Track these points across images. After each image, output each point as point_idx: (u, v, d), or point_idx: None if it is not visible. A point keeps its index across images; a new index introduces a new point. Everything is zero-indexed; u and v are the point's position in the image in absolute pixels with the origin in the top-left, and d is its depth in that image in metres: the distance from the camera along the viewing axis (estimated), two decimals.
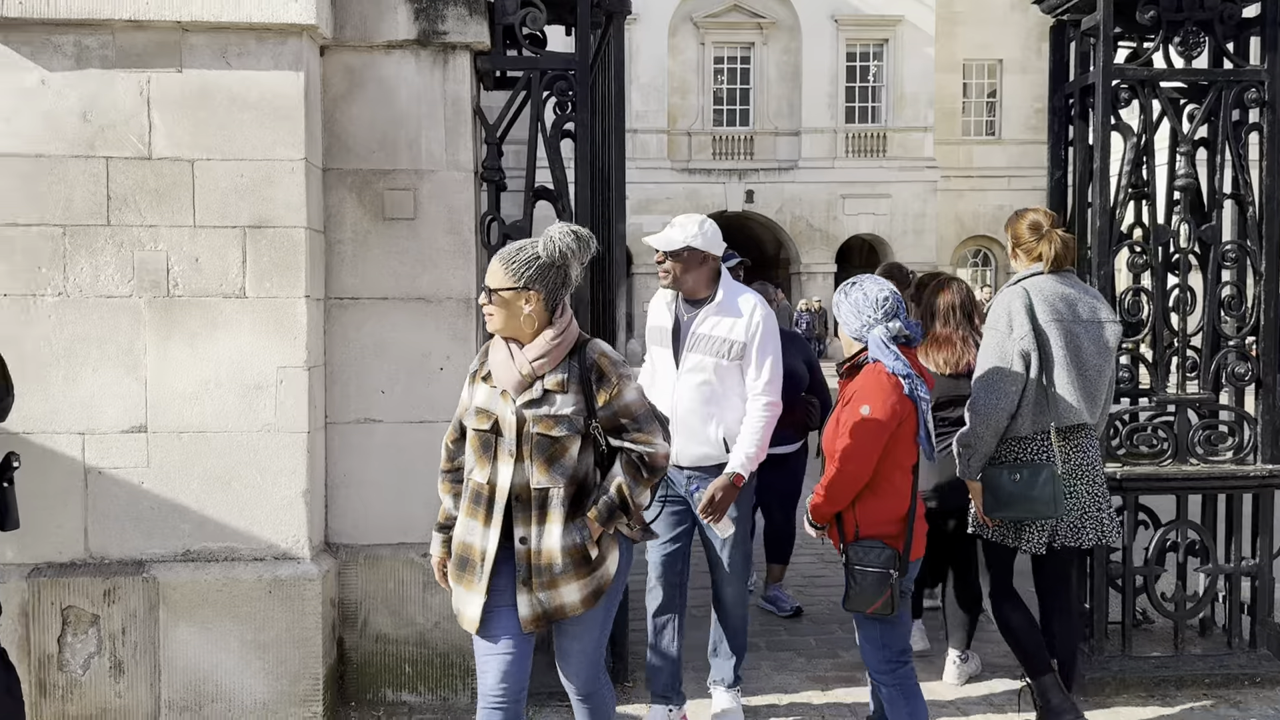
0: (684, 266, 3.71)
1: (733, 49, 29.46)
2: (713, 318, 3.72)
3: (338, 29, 4.00)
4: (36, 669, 3.80)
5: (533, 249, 2.71)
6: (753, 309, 3.72)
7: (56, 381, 3.78)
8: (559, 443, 2.72)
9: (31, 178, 3.76)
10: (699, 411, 3.72)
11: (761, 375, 3.70)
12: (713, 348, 3.70)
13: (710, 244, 3.73)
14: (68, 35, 3.74)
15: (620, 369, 2.78)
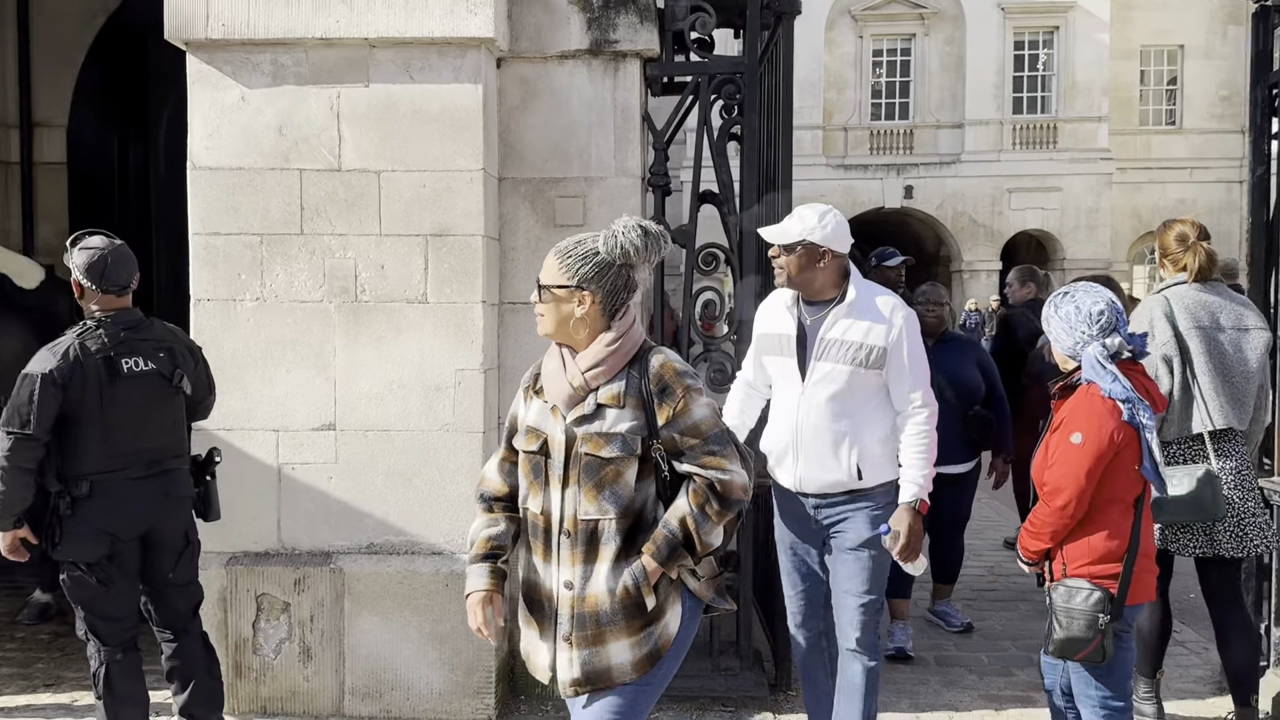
0: (799, 263, 3.21)
1: (892, 41, 28.75)
2: (844, 320, 3.21)
3: (513, 41, 4.11)
4: (233, 651, 4.05)
5: (592, 243, 2.34)
6: (892, 309, 3.21)
7: (254, 382, 4.02)
8: (610, 465, 2.28)
9: (232, 190, 4.00)
10: (829, 429, 3.21)
11: (916, 384, 3.21)
12: (846, 354, 3.18)
13: (833, 239, 3.20)
14: (265, 54, 3.96)
15: (687, 380, 2.34)
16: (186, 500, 3.52)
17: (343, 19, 3.87)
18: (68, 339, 3.25)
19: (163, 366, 3.37)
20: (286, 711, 4.04)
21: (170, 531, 3.46)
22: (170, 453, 3.44)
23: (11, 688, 4.39)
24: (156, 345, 3.39)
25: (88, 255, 3.28)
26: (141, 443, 3.34)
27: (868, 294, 3.26)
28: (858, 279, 3.28)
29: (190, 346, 3.58)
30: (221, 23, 3.90)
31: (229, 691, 4.01)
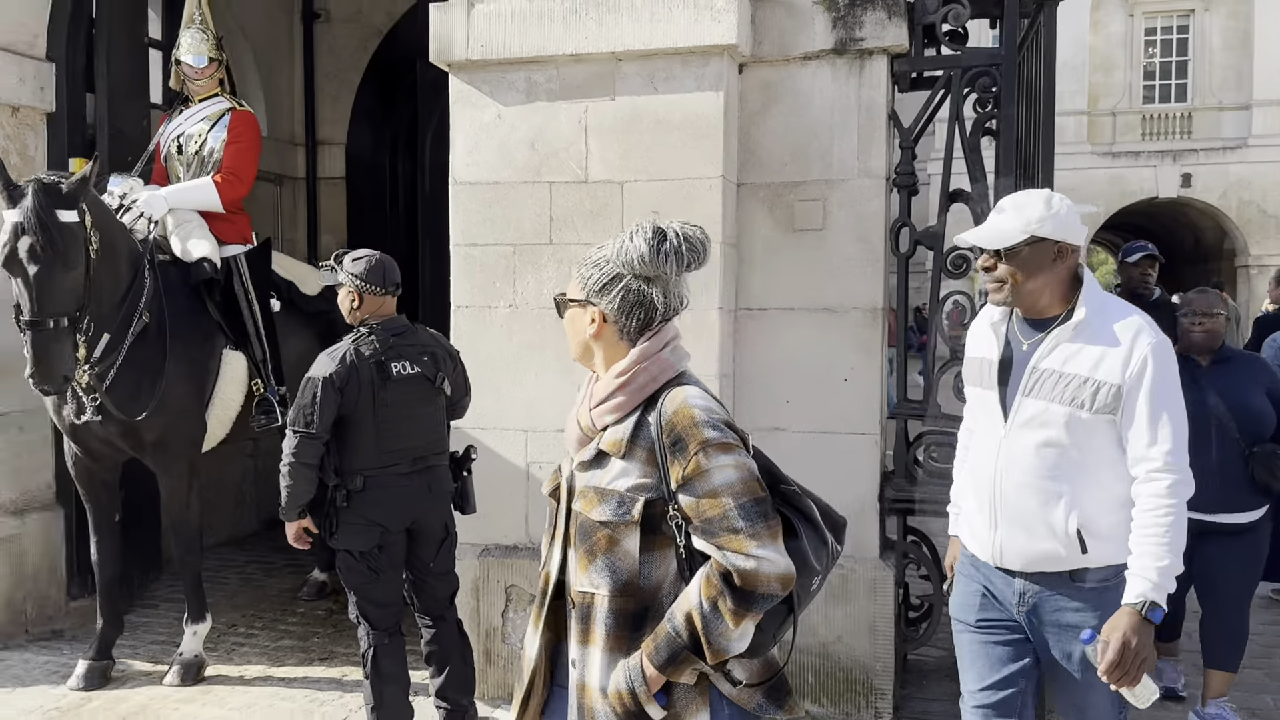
0: (1026, 270, 2.45)
1: (1167, 19, 26.45)
2: (1067, 346, 2.43)
3: (755, 45, 4.09)
4: (484, 639, 4.27)
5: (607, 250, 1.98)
6: (1135, 335, 2.38)
7: (506, 384, 4.22)
8: (602, 531, 1.86)
9: (489, 203, 4.22)
10: (1039, 488, 2.44)
11: (1158, 439, 2.34)
12: (1065, 391, 2.41)
13: (1066, 229, 2.46)
14: (520, 72, 4.15)
15: (706, 431, 1.81)
16: (447, 495, 3.75)
17: (591, 34, 3.98)
18: (344, 345, 3.55)
19: (426, 370, 3.63)
20: None
21: (433, 523, 3.70)
22: (433, 450, 3.69)
23: (292, 659, 4.84)
24: (421, 350, 3.65)
25: (364, 263, 3.58)
26: (408, 441, 3.59)
27: (1104, 312, 2.46)
28: (1092, 290, 2.50)
29: (450, 351, 3.82)
30: (480, 44, 4.11)
31: (480, 677, 4.23)
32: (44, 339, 3.90)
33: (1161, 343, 2.41)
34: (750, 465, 1.84)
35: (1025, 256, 2.45)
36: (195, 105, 5.00)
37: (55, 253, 3.88)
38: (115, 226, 4.38)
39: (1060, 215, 2.45)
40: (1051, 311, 2.50)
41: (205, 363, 4.69)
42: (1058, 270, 2.47)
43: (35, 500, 5.21)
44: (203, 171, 4.92)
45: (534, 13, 4.04)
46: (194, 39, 4.91)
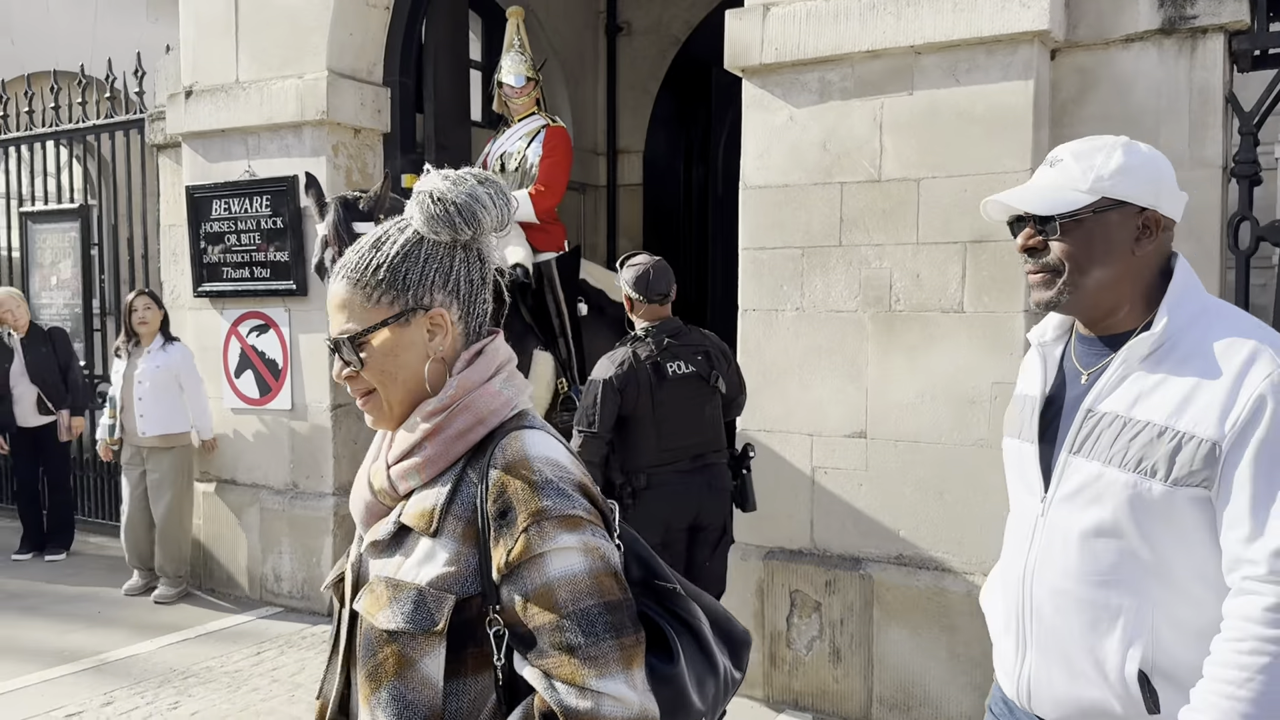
0: (1090, 252, 1.60)
1: None
2: (1140, 376, 1.58)
3: (1070, 29, 3.81)
4: (768, 641, 4.27)
5: (392, 229, 1.39)
6: (1249, 362, 1.50)
7: (791, 388, 4.20)
8: (390, 646, 1.27)
9: (778, 206, 4.21)
10: (1085, 600, 1.61)
11: (1269, 529, 1.45)
12: (1131, 448, 1.55)
13: (1157, 190, 1.60)
14: (813, 73, 4.10)
15: (548, 497, 1.24)
16: (726, 492, 3.81)
17: (889, 29, 3.87)
18: (623, 349, 3.70)
19: (700, 368, 3.73)
20: (817, 708, 4.16)
21: (712, 521, 3.76)
22: (711, 447, 3.77)
23: None
24: (695, 350, 3.75)
25: (634, 271, 3.74)
26: (687, 439, 3.69)
27: (1202, 324, 1.57)
28: (1186, 290, 1.61)
29: (723, 349, 3.89)
30: (774, 47, 4.11)
31: (765, 680, 4.24)
32: None
33: None
34: (606, 552, 1.26)
35: (1090, 231, 1.59)
36: (515, 124, 5.39)
37: None
38: None
39: (1149, 169, 1.60)
40: (1129, 324, 1.63)
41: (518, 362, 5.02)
42: (1143, 256, 1.60)
43: None
44: (524, 185, 5.29)
45: (829, 12, 3.98)
46: (514, 61, 5.30)
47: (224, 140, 5.70)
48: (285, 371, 5.64)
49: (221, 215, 5.73)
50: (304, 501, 5.60)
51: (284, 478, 5.70)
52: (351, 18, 5.44)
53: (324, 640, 5.11)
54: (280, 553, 5.67)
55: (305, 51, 5.42)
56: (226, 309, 5.83)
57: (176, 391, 5.69)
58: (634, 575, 1.34)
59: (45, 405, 6.59)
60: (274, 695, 4.42)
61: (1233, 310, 1.63)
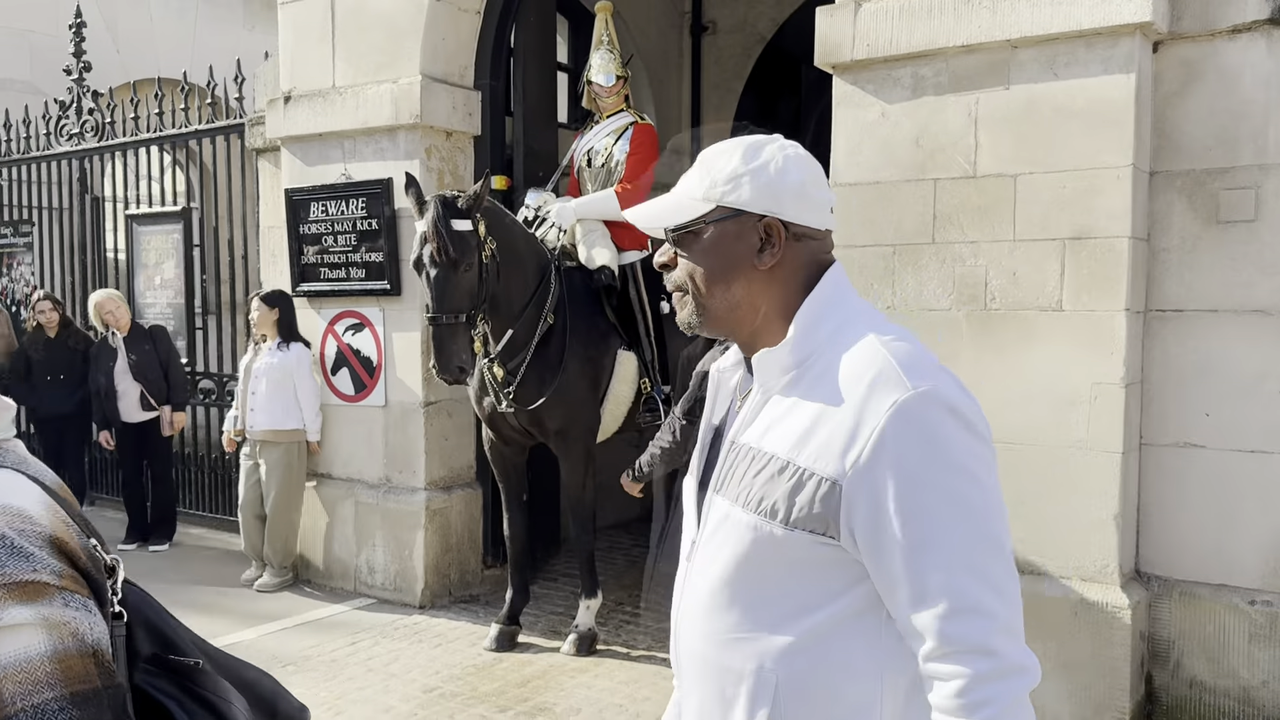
0: (711, 266, 1.41)
1: None
2: (776, 401, 1.37)
3: (1174, 21, 3.70)
4: None
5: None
6: (874, 382, 1.26)
7: None
8: None
9: (868, 203, 4.18)
10: (714, 663, 1.38)
11: (928, 592, 1.22)
12: (754, 487, 1.34)
13: (779, 196, 1.38)
14: (905, 68, 4.06)
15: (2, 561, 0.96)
16: None
17: (984, 23, 3.81)
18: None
19: None
20: None
21: None
22: None
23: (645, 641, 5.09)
24: None
25: None
26: None
27: (840, 338, 1.35)
28: (830, 302, 1.38)
29: None
30: (866, 43, 4.08)
31: None
32: (441, 333, 4.39)
33: (930, 397, 1.24)
34: (80, 627, 0.99)
35: (709, 244, 1.40)
36: (603, 121, 5.41)
37: (449, 258, 4.33)
38: (517, 236, 4.82)
39: (768, 173, 1.38)
40: (759, 339, 1.42)
41: (600, 360, 5.07)
42: (774, 270, 1.39)
43: (459, 479, 5.91)
44: (609, 182, 5.31)
45: (923, 7, 3.94)
46: (603, 59, 5.32)
47: (321, 144, 5.86)
48: (380, 369, 5.78)
49: (318, 217, 5.89)
50: (396, 496, 5.74)
51: (378, 472, 5.85)
52: (444, 22, 5.55)
53: (415, 632, 5.23)
54: (374, 545, 5.82)
55: (399, 57, 5.55)
56: (323, 308, 5.99)
57: (291, 389, 5.88)
58: (142, 650, 1.10)
59: (148, 402, 6.84)
60: (369, 685, 4.54)
61: (877, 322, 1.38)
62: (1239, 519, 3.72)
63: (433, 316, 4.41)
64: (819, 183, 1.42)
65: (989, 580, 1.21)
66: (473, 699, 4.38)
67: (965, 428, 1.25)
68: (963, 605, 1.20)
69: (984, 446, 1.27)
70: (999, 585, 1.22)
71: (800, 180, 1.39)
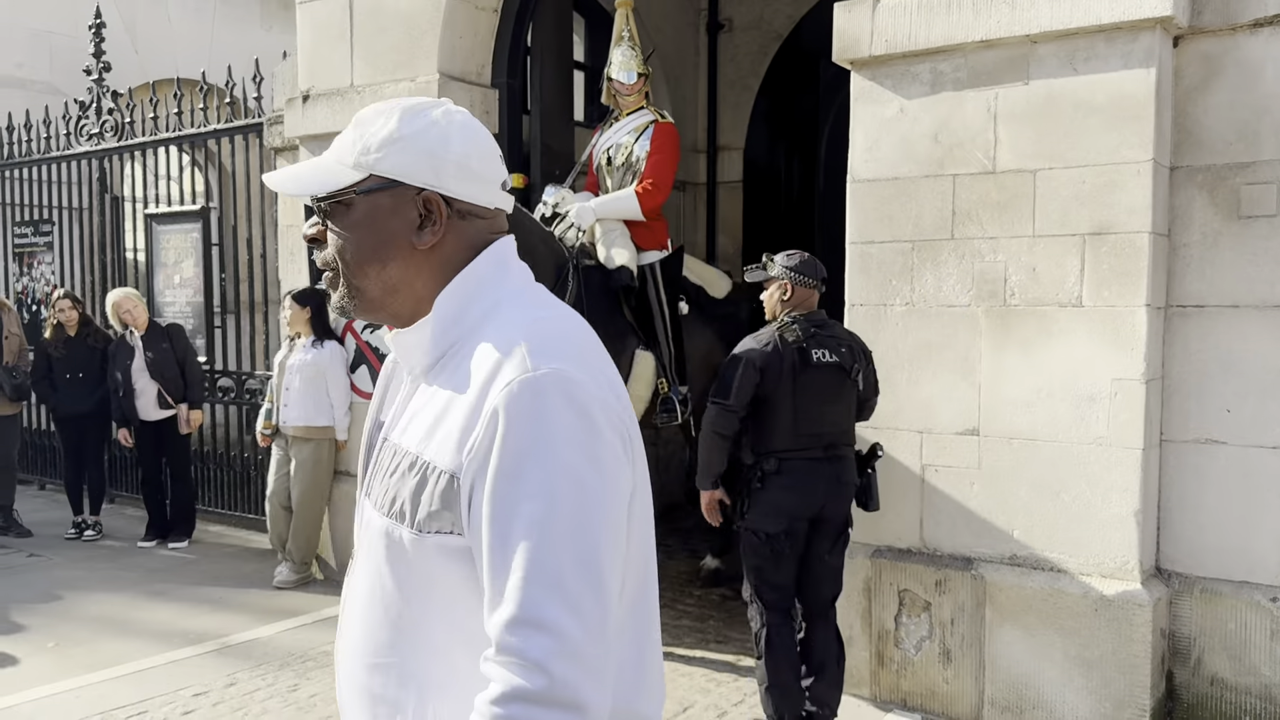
0: (355, 242, 1.26)
1: None
2: (421, 391, 1.27)
3: (1194, 15, 3.68)
4: (875, 640, 4.23)
5: None
6: (499, 363, 1.15)
7: (901, 384, 4.15)
8: None
9: (887, 199, 4.17)
10: (364, 688, 1.25)
11: (505, 592, 1.09)
12: (388, 486, 1.23)
13: (421, 161, 1.24)
14: (924, 64, 4.05)
15: None
16: (852, 486, 3.77)
17: (1003, 19, 3.80)
18: (769, 330, 3.72)
19: (844, 360, 3.70)
20: (926, 709, 4.11)
21: (836, 515, 3.73)
22: (843, 440, 3.75)
23: (689, 638, 5.10)
24: (839, 341, 3.74)
25: (798, 258, 3.78)
26: (822, 427, 3.67)
27: (489, 321, 1.24)
28: (483, 281, 1.28)
29: (864, 348, 3.86)
30: (884, 39, 4.07)
31: (871, 679, 4.21)
32: None
33: (547, 380, 1.12)
34: None
35: (360, 217, 1.25)
36: (624, 118, 5.39)
37: None
38: (534, 235, 4.81)
39: (428, 139, 1.24)
40: (401, 319, 1.31)
41: (617, 360, 5.05)
42: (433, 249, 1.25)
43: None
44: (629, 180, 5.30)
45: (942, 3, 3.93)
46: (624, 56, 5.30)
47: None
48: None
49: None
50: None
51: None
52: (461, 21, 5.57)
53: None
54: None
55: (417, 55, 5.57)
56: None
57: (324, 387, 5.92)
58: None
59: (165, 400, 6.88)
60: None
61: (539, 300, 1.28)
62: (1261, 515, 3.69)
63: None
64: (488, 155, 1.27)
65: (566, 596, 1.07)
66: None
67: (580, 418, 1.11)
68: (527, 617, 1.06)
69: (601, 443, 1.12)
70: (577, 604, 1.07)
71: (464, 152, 1.25)
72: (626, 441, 1.17)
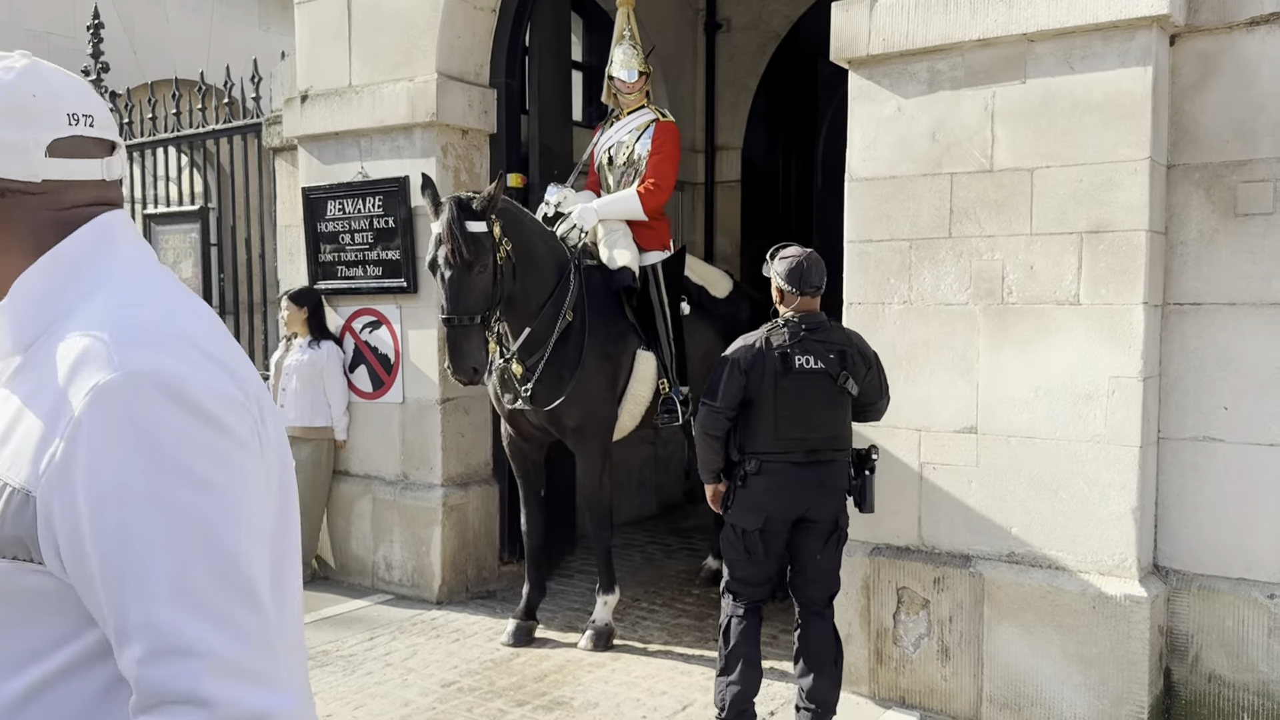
0: None
1: None
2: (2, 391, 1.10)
3: (1191, 14, 3.70)
4: (874, 638, 4.24)
5: None
6: (81, 361, 1.02)
7: (898, 382, 4.16)
8: None
9: (885, 198, 4.18)
10: None
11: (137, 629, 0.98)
12: None
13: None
14: (921, 63, 4.06)
15: None
16: (840, 491, 3.73)
17: (1000, 17, 3.81)
18: (759, 333, 3.71)
19: (830, 367, 3.62)
20: (925, 706, 4.12)
21: (824, 517, 3.70)
22: (831, 445, 3.69)
23: (689, 637, 5.11)
24: (829, 347, 3.65)
25: (787, 263, 3.69)
26: (803, 432, 3.64)
27: (79, 308, 1.10)
28: (79, 263, 1.13)
29: (864, 352, 3.76)
30: (882, 38, 4.08)
31: (870, 676, 4.22)
32: (456, 334, 4.41)
33: (141, 379, 1.00)
34: None
35: None
36: (625, 117, 5.39)
37: (464, 260, 4.35)
38: (534, 235, 4.82)
39: None
40: None
41: (619, 359, 5.08)
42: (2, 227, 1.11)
43: (476, 475, 5.94)
44: (630, 179, 5.30)
45: (939, 1, 3.94)
46: (625, 54, 5.29)
47: (338, 143, 5.89)
48: (397, 366, 5.81)
49: (336, 215, 5.93)
50: (414, 492, 5.77)
51: (395, 469, 5.88)
52: (459, 20, 5.57)
53: (433, 627, 5.26)
54: (391, 541, 5.85)
55: (415, 55, 5.58)
56: (341, 306, 6.03)
57: (321, 387, 5.93)
58: None
59: None
60: (387, 679, 4.57)
61: (138, 283, 1.13)
62: (1259, 512, 3.70)
63: (447, 318, 4.43)
64: (17, 116, 1.07)
65: (206, 610, 0.96)
66: (490, 693, 4.41)
67: (191, 415, 1.00)
68: (165, 645, 0.95)
69: (223, 437, 1.01)
70: (222, 615, 0.97)
71: (28, 101, 1.07)
72: (255, 423, 1.06)
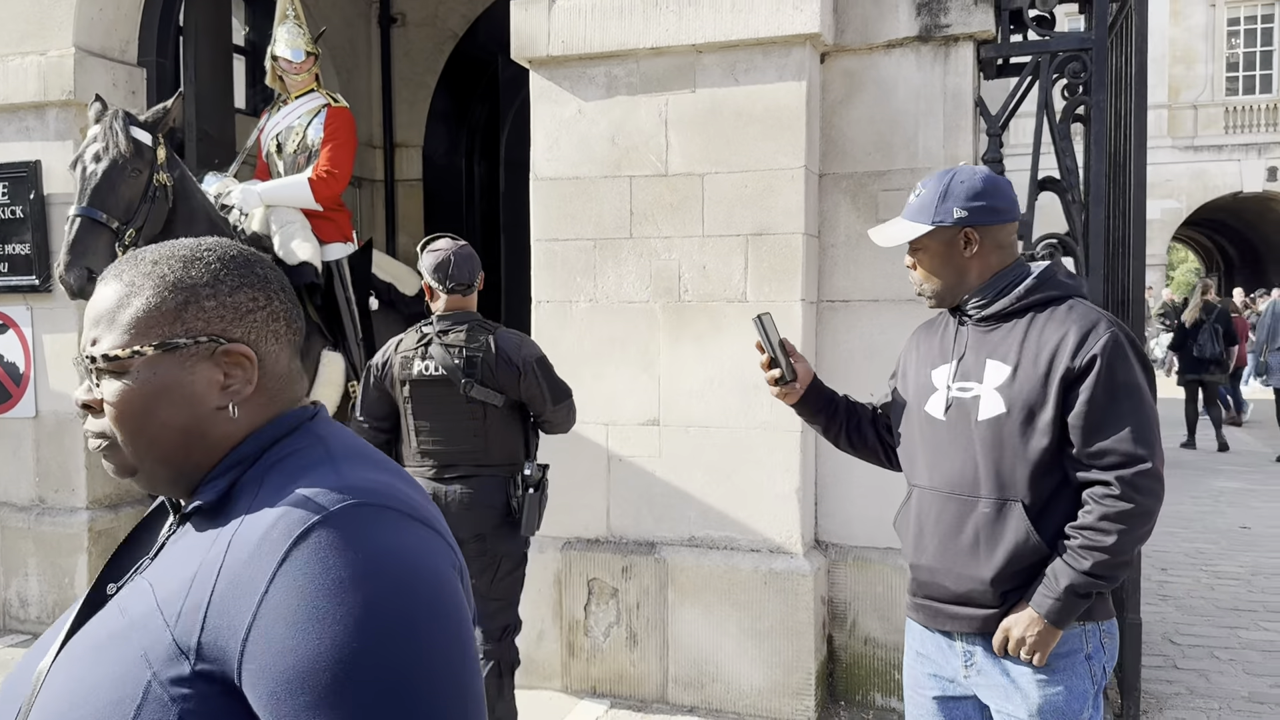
0: None
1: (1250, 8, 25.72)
2: None
3: (838, 34, 4.05)
4: (566, 631, 4.28)
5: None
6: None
7: (586, 378, 4.23)
8: None
9: (569, 198, 4.24)
10: None
11: None
12: None
13: None
14: (600, 67, 4.16)
15: None
16: (483, 509, 3.29)
17: (671, 27, 3.98)
18: (401, 335, 3.44)
19: (453, 374, 3.25)
20: (615, 693, 4.22)
21: (464, 538, 3.21)
22: (469, 460, 3.29)
23: None
24: (459, 351, 3.27)
25: (435, 257, 3.34)
26: (438, 445, 3.30)
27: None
28: None
29: (511, 358, 3.29)
30: (561, 40, 4.14)
31: (563, 669, 4.26)
32: (83, 227, 3.97)
33: None
34: None
35: None
36: (292, 101, 5.06)
37: (119, 153, 4.02)
38: (200, 200, 4.46)
39: None
40: None
41: (302, 362, 4.75)
42: None
43: (130, 494, 5.35)
44: (301, 167, 4.98)
45: (614, 7, 4.05)
46: (290, 33, 4.96)
47: None
48: (28, 376, 5.12)
49: None
50: (53, 518, 5.11)
51: (29, 493, 5.18)
52: None
53: None
54: (26, 575, 5.15)
55: (48, 26, 4.95)
56: None
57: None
58: None
59: None
60: None
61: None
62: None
63: (80, 211, 3.99)
64: None
65: None
66: None
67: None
68: None
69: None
70: None
71: None
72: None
